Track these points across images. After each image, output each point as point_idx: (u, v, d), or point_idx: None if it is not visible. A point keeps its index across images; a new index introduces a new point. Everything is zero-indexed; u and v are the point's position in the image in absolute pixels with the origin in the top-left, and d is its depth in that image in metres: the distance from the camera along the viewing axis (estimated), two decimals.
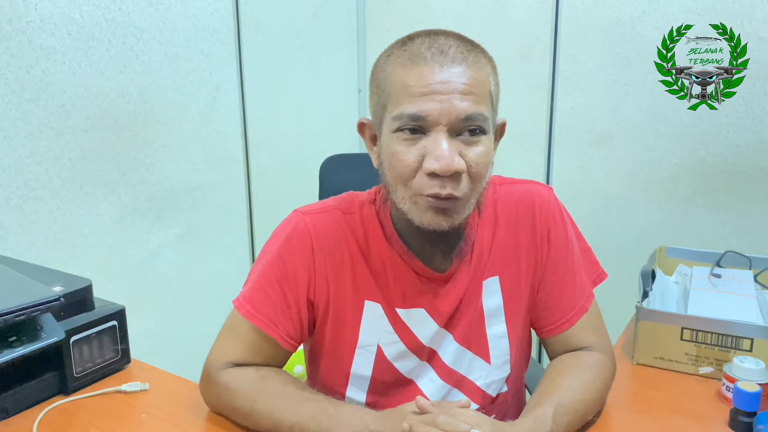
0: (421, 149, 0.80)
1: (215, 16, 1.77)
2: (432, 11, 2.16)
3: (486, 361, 0.96)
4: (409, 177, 0.81)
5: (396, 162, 0.81)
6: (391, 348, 0.93)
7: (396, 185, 0.83)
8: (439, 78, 0.78)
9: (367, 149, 0.91)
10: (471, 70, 0.80)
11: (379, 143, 0.86)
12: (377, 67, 0.86)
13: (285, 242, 0.91)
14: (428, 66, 0.79)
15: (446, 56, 0.79)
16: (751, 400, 0.88)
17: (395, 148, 0.81)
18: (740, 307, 1.12)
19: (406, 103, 0.79)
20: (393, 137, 0.81)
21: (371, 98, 0.88)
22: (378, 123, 0.86)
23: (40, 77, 1.40)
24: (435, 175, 0.79)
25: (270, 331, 0.89)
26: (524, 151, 2.04)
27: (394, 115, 0.80)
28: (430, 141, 0.79)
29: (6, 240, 1.38)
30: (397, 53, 0.83)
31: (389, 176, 0.84)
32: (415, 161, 0.80)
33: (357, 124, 0.92)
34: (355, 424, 0.80)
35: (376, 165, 0.89)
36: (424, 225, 0.82)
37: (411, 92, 0.79)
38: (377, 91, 0.85)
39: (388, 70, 0.83)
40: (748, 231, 1.76)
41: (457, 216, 0.82)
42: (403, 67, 0.81)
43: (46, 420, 0.92)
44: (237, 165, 1.92)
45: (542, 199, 0.97)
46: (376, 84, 0.86)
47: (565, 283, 0.97)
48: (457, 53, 0.80)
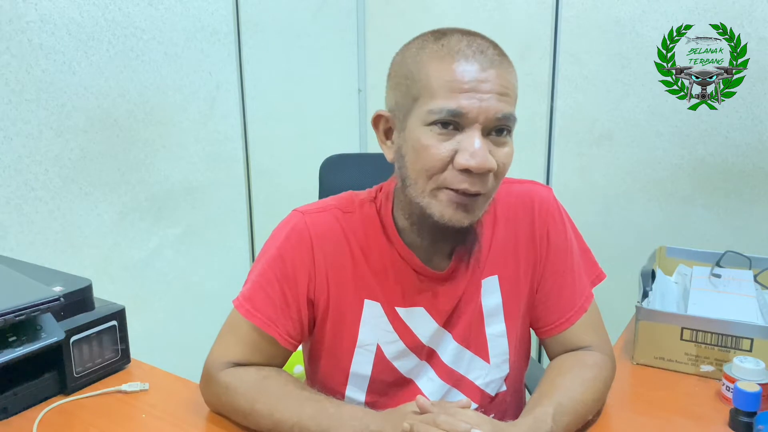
0: (454, 144, 0.79)
1: (215, 16, 1.77)
2: (432, 11, 2.16)
3: (485, 361, 0.96)
4: (437, 171, 0.80)
5: (427, 155, 0.80)
6: (390, 347, 0.93)
7: (417, 178, 0.82)
8: (481, 77, 0.79)
9: (379, 142, 0.89)
10: (506, 73, 0.81)
11: (400, 135, 0.85)
12: (407, 58, 0.84)
13: (285, 242, 0.91)
14: (470, 64, 0.79)
15: (486, 56, 0.80)
16: (751, 400, 0.88)
17: (427, 141, 0.80)
18: (740, 307, 1.12)
19: (446, 98, 0.79)
20: (425, 130, 0.80)
21: (395, 89, 0.85)
22: (402, 115, 0.84)
23: (40, 77, 1.40)
24: (466, 171, 0.79)
25: (270, 330, 0.90)
26: (524, 151, 2.04)
27: (431, 109, 0.79)
28: (464, 137, 0.79)
29: (6, 240, 1.38)
30: (433, 47, 0.82)
31: (411, 168, 0.83)
32: (447, 155, 0.79)
33: (372, 116, 0.89)
34: (355, 424, 0.80)
35: (390, 159, 0.87)
36: (444, 220, 0.82)
37: (452, 87, 0.79)
38: (407, 83, 0.83)
39: (424, 61, 0.81)
40: (748, 231, 1.76)
41: (478, 212, 0.83)
42: (443, 61, 0.80)
43: (46, 420, 0.92)
44: (237, 165, 1.92)
45: (542, 199, 0.97)
46: (405, 75, 0.84)
47: (564, 283, 0.97)
48: (494, 56, 0.81)
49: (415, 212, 0.86)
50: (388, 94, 0.87)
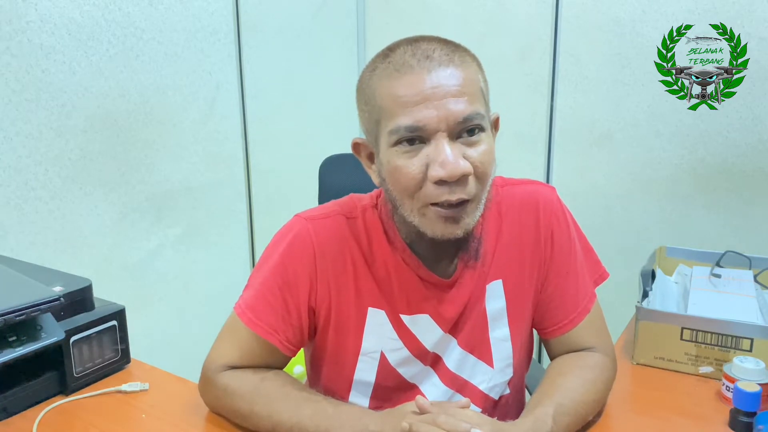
0: (423, 158, 0.78)
1: (215, 16, 1.77)
2: (432, 11, 2.16)
3: (489, 365, 0.96)
4: (416, 188, 0.79)
5: (400, 176, 0.79)
6: (395, 354, 0.93)
7: (402, 199, 0.81)
8: (429, 84, 0.77)
9: (366, 168, 0.89)
10: (459, 70, 0.79)
11: (378, 160, 0.84)
12: (363, 84, 0.84)
13: (287, 248, 0.90)
14: (416, 73, 0.77)
15: (432, 60, 0.78)
16: (751, 400, 0.88)
17: (397, 162, 0.79)
18: (740, 307, 1.12)
19: (401, 115, 0.77)
20: (392, 152, 0.79)
21: (361, 116, 0.85)
22: (373, 140, 0.84)
23: (40, 77, 1.40)
24: (443, 182, 0.77)
25: (271, 338, 0.89)
26: (524, 151, 2.04)
27: (390, 129, 0.78)
28: (431, 149, 0.78)
29: (6, 240, 1.38)
30: (382, 66, 0.81)
31: (394, 191, 0.82)
32: (419, 172, 0.78)
33: (351, 145, 0.89)
34: (355, 424, 0.80)
35: (377, 183, 0.87)
36: (437, 236, 0.81)
37: (403, 103, 0.77)
38: (367, 108, 0.83)
39: (374, 84, 0.81)
40: (748, 231, 1.76)
41: (469, 220, 0.81)
42: (390, 78, 0.79)
43: (46, 420, 0.92)
44: (237, 165, 1.92)
45: (546, 200, 0.97)
46: (364, 101, 0.84)
47: (568, 284, 0.97)
48: (442, 56, 0.79)
49: (412, 230, 0.86)
50: (360, 120, 0.87)
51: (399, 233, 0.90)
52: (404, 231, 0.90)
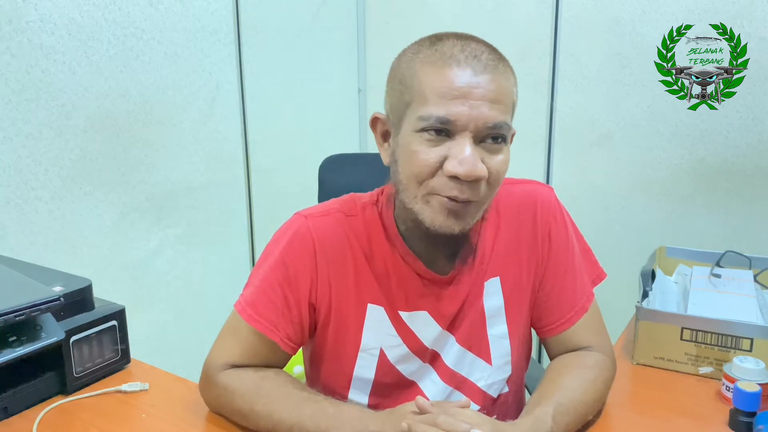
0: (443, 151, 0.78)
1: (215, 16, 1.77)
2: (432, 11, 2.16)
3: (487, 362, 0.96)
4: (427, 177, 0.80)
5: (416, 160, 0.79)
6: (393, 351, 0.93)
7: (408, 183, 0.82)
8: (471, 82, 0.77)
9: (377, 145, 0.89)
10: (501, 79, 0.80)
11: (394, 140, 0.84)
12: (403, 63, 0.84)
13: (287, 246, 0.90)
14: (461, 69, 0.78)
15: (479, 62, 0.78)
16: (751, 400, 0.88)
17: (416, 147, 0.79)
18: (740, 307, 1.12)
19: (435, 105, 0.78)
20: (415, 136, 0.80)
21: (390, 94, 0.85)
22: (396, 120, 0.84)
23: (40, 77, 1.40)
24: (455, 179, 0.78)
25: (272, 335, 0.89)
26: (524, 151, 2.04)
27: (421, 115, 0.79)
28: (454, 145, 0.78)
29: (6, 240, 1.38)
30: (427, 51, 0.81)
31: (403, 174, 0.82)
32: (436, 162, 0.79)
33: (370, 119, 0.89)
34: (355, 424, 0.80)
35: (386, 162, 0.87)
36: (435, 227, 0.81)
37: (442, 93, 0.78)
38: (400, 88, 0.83)
39: (416, 66, 0.81)
40: (748, 231, 1.76)
41: (469, 220, 0.82)
42: (434, 66, 0.79)
43: (46, 420, 0.92)
44: (237, 165, 1.92)
45: (543, 199, 0.97)
46: (399, 80, 0.83)
47: (565, 282, 0.97)
48: (488, 61, 0.79)
49: (410, 218, 0.86)
50: (386, 97, 0.87)
51: (397, 227, 0.91)
52: (402, 222, 0.90)
